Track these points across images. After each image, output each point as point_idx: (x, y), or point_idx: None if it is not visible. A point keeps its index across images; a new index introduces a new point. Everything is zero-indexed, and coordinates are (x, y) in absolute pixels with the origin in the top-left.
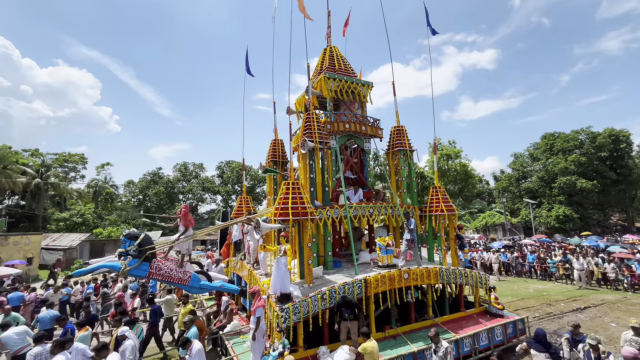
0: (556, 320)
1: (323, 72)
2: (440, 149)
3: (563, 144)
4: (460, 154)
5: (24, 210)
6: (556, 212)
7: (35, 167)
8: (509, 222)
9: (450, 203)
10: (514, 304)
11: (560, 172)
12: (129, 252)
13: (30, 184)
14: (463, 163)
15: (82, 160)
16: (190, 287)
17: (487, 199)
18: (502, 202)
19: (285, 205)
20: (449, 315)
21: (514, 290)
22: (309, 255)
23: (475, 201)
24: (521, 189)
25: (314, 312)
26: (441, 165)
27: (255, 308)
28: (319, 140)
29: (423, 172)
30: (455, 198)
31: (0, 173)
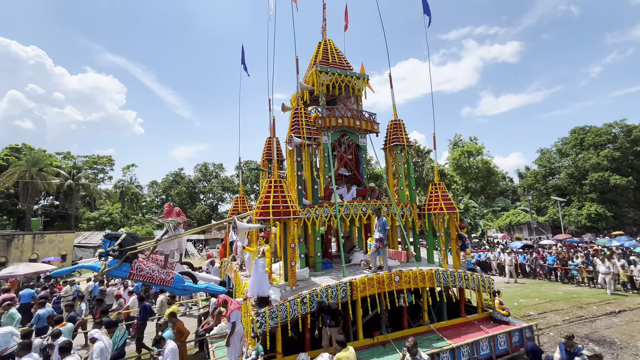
0: (588, 324)
1: (316, 65)
2: (461, 146)
3: (595, 139)
4: (482, 151)
5: (57, 210)
6: (587, 211)
7: (67, 169)
8: (535, 221)
9: (451, 201)
10: (542, 306)
11: (592, 168)
12: (109, 253)
13: (63, 185)
14: (485, 160)
15: (110, 162)
16: (173, 288)
17: (511, 197)
18: (528, 200)
19: (267, 204)
20: (447, 321)
21: (541, 292)
22: (293, 257)
23: (499, 199)
24: (548, 186)
25: (293, 316)
26: (462, 163)
27: (230, 312)
28: (307, 136)
29: (443, 169)
30: (477, 196)
31: (37, 175)
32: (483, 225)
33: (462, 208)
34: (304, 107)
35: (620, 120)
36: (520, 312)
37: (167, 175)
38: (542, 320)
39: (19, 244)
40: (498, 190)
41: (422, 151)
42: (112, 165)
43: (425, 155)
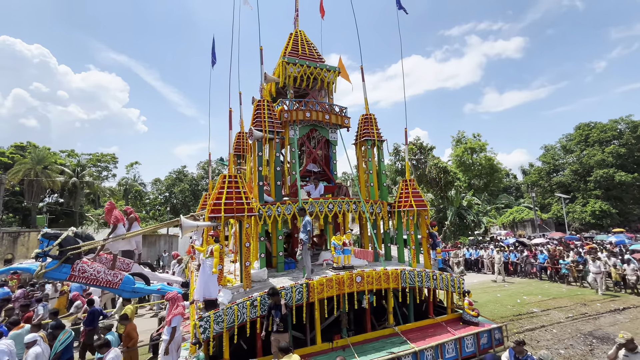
0: (592, 321)
1: (284, 57)
2: (464, 143)
3: (600, 135)
4: (485, 148)
5: (62, 208)
6: (592, 208)
7: (71, 167)
8: (539, 218)
9: (422, 197)
10: (545, 303)
11: (597, 165)
12: (47, 253)
13: (67, 183)
14: (488, 157)
15: (113, 160)
16: (122, 290)
17: (514, 193)
18: (532, 197)
19: (219, 201)
20: (414, 322)
21: (544, 290)
22: (247, 256)
23: (502, 196)
24: (552, 183)
25: (241, 321)
26: (465, 159)
27: (171, 317)
28: (269, 130)
29: (446, 166)
30: (481, 193)
31: (41, 173)
32: (486, 222)
33: (465, 205)
34: (273, 100)
35: (625, 116)
36: (523, 310)
37: (170, 172)
38: (545, 317)
39: (25, 240)
40: (501, 187)
41: (424, 148)
42: (116, 163)
43: (428, 152)
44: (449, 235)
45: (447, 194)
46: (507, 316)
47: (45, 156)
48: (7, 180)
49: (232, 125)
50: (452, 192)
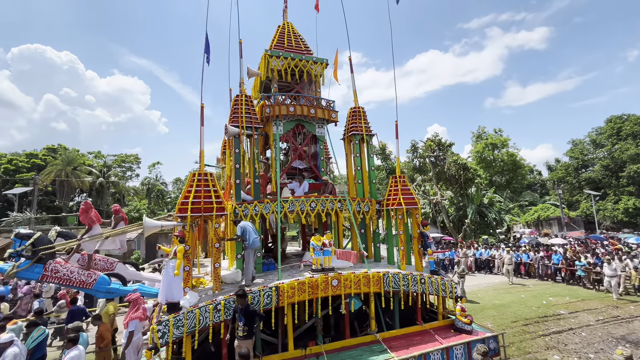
0: (624, 324)
1: (269, 50)
2: (484, 138)
3: (633, 128)
4: (507, 143)
5: None
6: (624, 205)
7: (98, 168)
8: (567, 216)
9: (412, 195)
10: (573, 305)
11: (630, 160)
12: (19, 253)
13: (95, 183)
14: (511, 152)
15: (137, 160)
16: (96, 291)
17: (539, 190)
18: (558, 194)
19: (186, 200)
20: (399, 329)
21: (572, 291)
22: (217, 257)
23: (526, 193)
24: (581, 179)
25: (204, 325)
26: (486, 156)
27: (128, 320)
28: (247, 126)
29: (466, 163)
30: (503, 190)
31: (71, 173)
32: (509, 220)
33: (486, 202)
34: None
35: None
36: (549, 311)
37: (190, 172)
38: (574, 319)
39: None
40: (525, 183)
41: (443, 144)
42: (139, 163)
43: (447, 149)
44: (469, 234)
45: (467, 191)
46: (532, 318)
47: (75, 158)
48: (40, 180)
49: (204, 122)
50: (472, 190)
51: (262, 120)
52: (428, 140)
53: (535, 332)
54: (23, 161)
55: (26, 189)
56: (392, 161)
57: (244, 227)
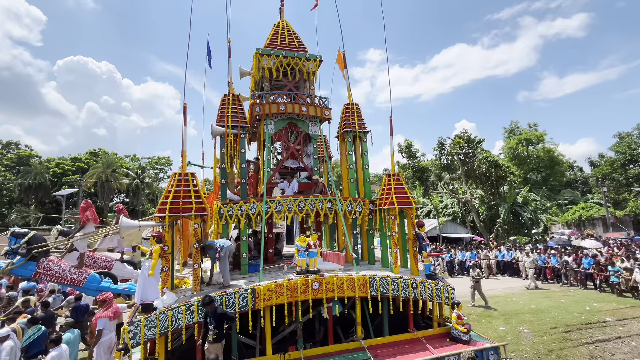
0: None
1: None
2: (518, 134)
3: None
4: (543, 138)
5: (127, 207)
6: None
7: (134, 170)
8: (612, 216)
9: (407, 194)
10: (621, 312)
11: None
12: (15, 251)
13: (131, 184)
14: (547, 148)
15: (168, 162)
16: (86, 289)
17: (580, 188)
18: (602, 192)
19: (165, 200)
20: (388, 337)
21: (604, 299)
22: (197, 258)
23: (565, 191)
24: (629, 175)
25: (176, 327)
26: (519, 152)
27: (97, 318)
28: (233, 125)
29: (497, 160)
30: (539, 188)
31: (110, 176)
32: (546, 220)
33: (520, 201)
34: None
35: None
36: (594, 318)
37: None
38: (622, 327)
39: None
40: (564, 181)
41: (472, 141)
42: (171, 165)
43: (476, 146)
44: (501, 234)
45: (498, 190)
46: (574, 324)
47: (113, 161)
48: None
49: (186, 122)
50: (504, 188)
51: (254, 119)
52: (456, 137)
53: (578, 339)
54: (69, 165)
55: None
56: (419, 159)
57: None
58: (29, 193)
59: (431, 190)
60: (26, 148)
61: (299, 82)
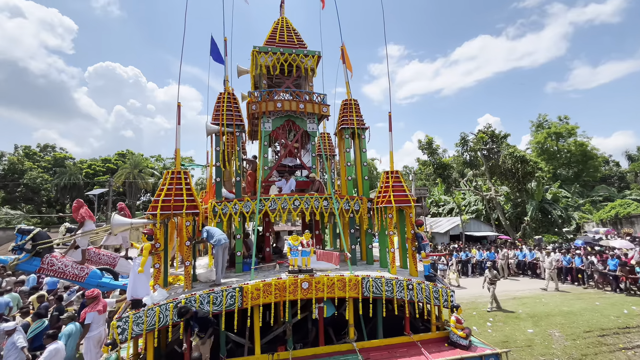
0: None
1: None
2: (547, 127)
3: None
4: (574, 131)
5: None
6: None
7: (159, 170)
8: None
9: (405, 192)
10: None
11: None
12: (21, 247)
13: (157, 183)
14: (580, 142)
15: (191, 162)
16: (87, 284)
17: (617, 184)
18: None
19: (157, 198)
20: (382, 339)
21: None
22: (188, 256)
23: (599, 187)
24: None
25: (164, 324)
26: (548, 146)
27: (86, 312)
28: (228, 123)
29: (524, 155)
30: (570, 184)
31: (137, 175)
32: (578, 218)
33: (549, 198)
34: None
35: None
36: (633, 322)
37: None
38: None
39: None
40: (598, 176)
41: (497, 136)
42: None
43: (501, 141)
44: (529, 233)
45: (525, 186)
46: (610, 328)
47: (140, 161)
48: (113, 182)
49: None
50: (532, 184)
51: (253, 117)
52: (479, 132)
53: (615, 344)
54: (99, 166)
55: (103, 190)
56: (440, 156)
57: (207, 229)
58: (65, 193)
59: (453, 188)
60: (61, 150)
61: (299, 80)
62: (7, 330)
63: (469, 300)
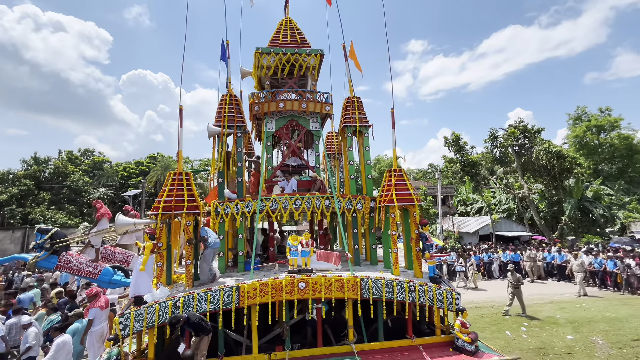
0: None
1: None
2: (586, 120)
3: None
4: (618, 124)
5: None
6: None
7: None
8: None
9: (409, 190)
10: None
11: None
12: (41, 245)
13: None
14: (624, 135)
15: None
16: (100, 281)
17: None
18: None
19: (160, 199)
20: (383, 342)
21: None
22: (189, 255)
23: None
24: None
25: (163, 320)
26: (588, 141)
27: (89, 309)
28: (229, 125)
29: (560, 150)
30: (614, 181)
31: None
32: (624, 217)
33: (589, 196)
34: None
35: None
36: None
37: None
38: None
39: None
40: None
41: (529, 130)
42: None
43: (534, 135)
44: (567, 233)
45: (562, 184)
46: None
47: (170, 164)
48: (146, 184)
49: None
50: (570, 181)
51: (256, 118)
52: (510, 127)
53: None
54: (133, 168)
55: (136, 191)
56: (468, 152)
57: (206, 229)
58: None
59: (482, 186)
60: (100, 154)
61: (305, 79)
62: (23, 324)
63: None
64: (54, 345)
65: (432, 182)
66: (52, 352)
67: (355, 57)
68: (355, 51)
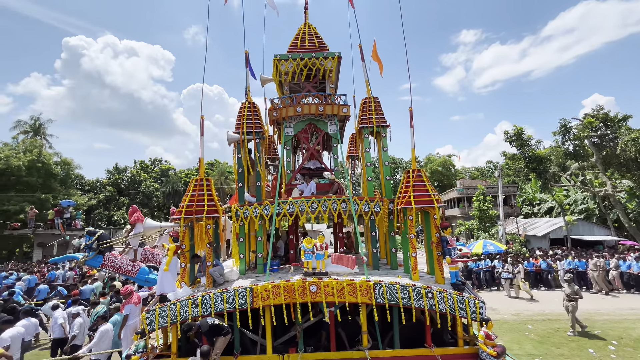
0: None
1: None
2: None
3: None
4: None
5: None
6: None
7: None
8: None
9: (428, 191)
10: None
11: None
12: (90, 246)
13: None
14: None
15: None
16: (137, 279)
17: None
18: None
19: (182, 204)
20: (399, 350)
21: None
22: (209, 256)
23: None
24: None
25: (184, 318)
26: None
27: (124, 305)
28: (247, 131)
29: None
30: None
31: (224, 182)
32: None
33: None
34: None
35: None
36: None
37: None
38: None
39: None
40: None
41: (612, 119)
42: None
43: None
44: None
45: None
46: None
47: (225, 169)
48: None
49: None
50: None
51: (275, 124)
52: (587, 117)
53: None
54: (194, 174)
55: None
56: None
57: None
58: (169, 199)
59: (552, 184)
60: (166, 163)
61: (324, 82)
62: (73, 314)
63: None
64: (98, 332)
65: (490, 180)
66: (96, 338)
67: (377, 57)
68: (377, 51)
